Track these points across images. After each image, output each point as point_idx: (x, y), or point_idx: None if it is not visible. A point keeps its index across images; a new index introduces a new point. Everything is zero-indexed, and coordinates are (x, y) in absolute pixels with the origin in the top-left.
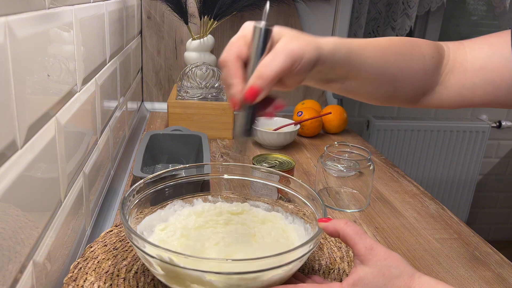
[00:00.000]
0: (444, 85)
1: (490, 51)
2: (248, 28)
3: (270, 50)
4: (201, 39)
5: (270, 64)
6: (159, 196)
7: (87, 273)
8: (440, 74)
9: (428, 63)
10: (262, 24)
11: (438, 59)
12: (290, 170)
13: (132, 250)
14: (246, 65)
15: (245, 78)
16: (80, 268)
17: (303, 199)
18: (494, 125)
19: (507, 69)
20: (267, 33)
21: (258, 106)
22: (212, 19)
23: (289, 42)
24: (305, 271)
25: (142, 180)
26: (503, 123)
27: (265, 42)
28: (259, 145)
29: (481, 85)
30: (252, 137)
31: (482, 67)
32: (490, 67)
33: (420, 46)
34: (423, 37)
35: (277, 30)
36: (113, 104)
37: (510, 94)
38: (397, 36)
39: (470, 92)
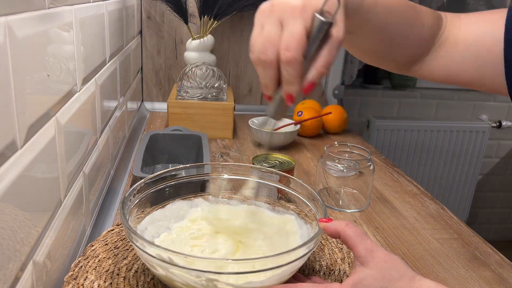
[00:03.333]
0: (434, 55)
1: (484, 28)
2: (309, 18)
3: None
4: (201, 39)
5: (329, 60)
6: (159, 196)
7: (87, 271)
8: (433, 44)
9: (426, 32)
10: (326, 18)
11: (435, 29)
12: (290, 170)
13: (132, 249)
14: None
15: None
16: (81, 266)
17: (303, 199)
18: (494, 125)
19: (497, 48)
20: (329, 27)
21: None
22: (212, 19)
23: (337, 30)
24: (306, 272)
25: (142, 180)
26: (503, 123)
27: (325, 34)
28: (259, 145)
29: (469, 59)
30: (280, 119)
31: (473, 42)
32: (481, 43)
33: (422, 14)
34: None
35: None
36: (113, 104)
37: (495, 75)
38: None
39: (457, 66)
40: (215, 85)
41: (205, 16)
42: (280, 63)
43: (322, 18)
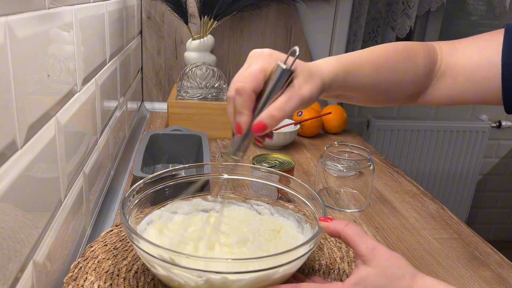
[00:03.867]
0: (435, 87)
1: (480, 57)
2: (269, 62)
3: (285, 85)
4: (201, 39)
5: (284, 107)
6: (159, 196)
7: (87, 272)
8: (431, 79)
9: (421, 72)
10: (286, 66)
11: (430, 66)
12: (290, 170)
13: (132, 249)
14: (258, 94)
15: (255, 109)
16: (81, 267)
17: (303, 199)
18: (494, 125)
19: (495, 75)
20: (289, 74)
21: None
22: (212, 19)
23: (302, 86)
24: (305, 271)
25: (142, 180)
26: (503, 123)
27: (284, 82)
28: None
29: (470, 88)
30: (240, 160)
31: (472, 71)
32: (480, 73)
33: (414, 56)
34: (423, 38)
35: (294, 69)
36: (113, 104)
37: (497, 95)
38: (397, 36)
39: (460, 94)
40: (215, 85)
41: (205, 16)
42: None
43: (282, 65)
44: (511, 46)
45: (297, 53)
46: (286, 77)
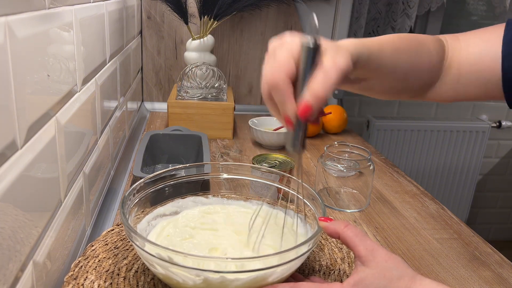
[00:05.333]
0: (442, 80)
1: (482, 47)
2: (294, 44)
3: (317, 63)
4: (201, 39)
5: (324, 83)
6: (159, 196)
7: (87, 271)
8: (442, 69)
9: (434, 58)
10: (311, 41)
11: (441, 54)
12: (290, 170)
13: (132, 249)
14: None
15: (295, 97)
16: (81, 266)
17: (303, 199)
18: (494, 125)
19: (497, 66)
20: (316, 50)
21: (307, 121)
22: (212, 19)
23: (335, 58)
24: (306, 272)
25: (142, 180)
26: (503, 123)
27: (315, 59)
28: (259, 145)
29: (473, 80)
30: (304, 152)
31: (474, 63)
32: (482, 64)
33: (426, 42)
34: None
35: (320, 43)
36: (113, 104)
37: (499, 88)
38: None
39: (463, 87)
40: (215, 85)
41: (205, 16)
42: None
43: (307, 43)
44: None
45: (316, 20)
46: (315, 54)
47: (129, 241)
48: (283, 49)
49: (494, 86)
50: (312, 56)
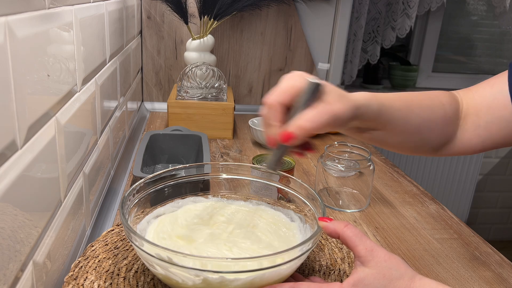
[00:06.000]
0: (463, 128)
1: (492, 91)
2: (299, 79)
3: (315, 100)
4: (201, 39)
5: (313, 119)
6: (159, 196)
7: (87, 272)
8: (459, 119)
9: (448, 111)
10: (316, 80)
11: (455, 105)
12: (290, 170)
13: (132, 249)
14: (288, 108)
15: (285, 121)
16: (81, 267)
17: (303, 199)
18: None
19: (509, 105)
20: (318, 88)
21: (289, 146)
22: (212, 19)
23: (333, 103)
24: (305, 272)
25: (142, 180)
26: None
27: (314, 95)
28: (259, 145)
29: (493, 122)
30: (280, 170)
31: (489, 106)
32: (496, 105)
33: (438, 97)
34: (423, 38)
35: (323, 83)
36: (113, 104)
37: None
38: (397, 36)
39: (486, 131)
40: (215, 85)
41: (205, 16)
42: None
43: (311, 79)
44: None
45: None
46: (315, 91)
47: (129, 241)
48: (288, 80)
49: None
50: (312, 91)
